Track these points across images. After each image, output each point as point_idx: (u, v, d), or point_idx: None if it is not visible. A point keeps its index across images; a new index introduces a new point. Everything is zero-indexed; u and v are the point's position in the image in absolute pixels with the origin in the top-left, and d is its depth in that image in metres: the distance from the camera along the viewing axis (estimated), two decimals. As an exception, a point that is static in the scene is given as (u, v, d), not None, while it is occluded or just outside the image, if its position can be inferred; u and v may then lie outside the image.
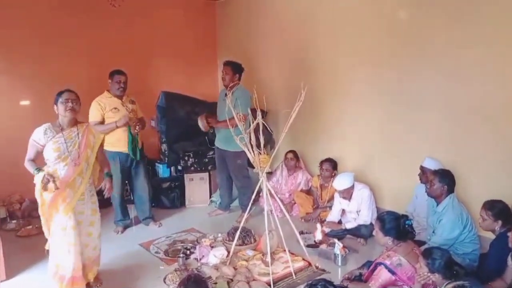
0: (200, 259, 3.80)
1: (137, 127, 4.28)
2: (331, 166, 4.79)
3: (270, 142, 5.20)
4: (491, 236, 3.17)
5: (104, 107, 4.25)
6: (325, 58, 5.09)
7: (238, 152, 3.77)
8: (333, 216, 4.45)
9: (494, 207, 3.08)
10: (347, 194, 4.24)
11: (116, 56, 5.39)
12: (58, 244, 3.08)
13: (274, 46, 5.74)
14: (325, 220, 4.53)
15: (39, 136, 3.01)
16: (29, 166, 3.05)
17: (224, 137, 4.50)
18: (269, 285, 3.32)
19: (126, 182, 4.66)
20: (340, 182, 4.22)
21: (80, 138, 3.09)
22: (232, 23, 6.42)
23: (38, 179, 2.95)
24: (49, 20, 5.10)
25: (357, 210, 4.25)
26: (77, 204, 3.11)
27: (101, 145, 3.33)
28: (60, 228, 3.05)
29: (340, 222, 4.44)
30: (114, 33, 5.58)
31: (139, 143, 4.43)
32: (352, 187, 4.22)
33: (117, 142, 4.31)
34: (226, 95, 4.47)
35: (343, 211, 4.43)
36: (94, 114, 4.24)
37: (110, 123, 4.21)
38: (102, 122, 4.24)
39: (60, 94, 3.09)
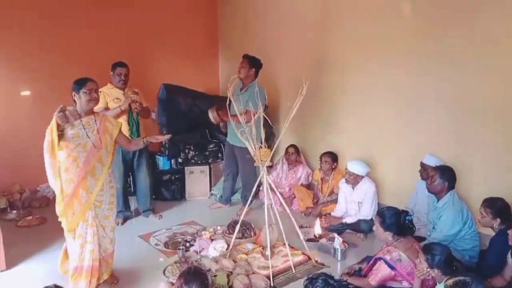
0: (200, 252, 3.81)
1: (137, 104, 4.25)
2: (331, 158, 4.79)
3: (270, 136, 5.19)
4: (491, 232, 3.18)
5: (107, 96, 4.28)
6: (329, 53, 5.05)
7: (247, 148, 3.78)
8: (340, 208, 4.42)
9: (494, 205, 3.08)
10: (354, 180, 4.21)
11: (118, 48, 5.35)
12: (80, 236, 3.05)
13: (276, 40, 5.70)
14: (325, 215, 4.53)
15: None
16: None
17: (234, 132, 4.48)
18: (269, 278, 3.33)
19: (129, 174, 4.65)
20: (354, 165, 4.18)
21: (98, 124, 3.08)
22: (234, 16, 6.38)
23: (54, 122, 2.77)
24: (50, 11, 5.05)
25: (358, 201, 4.24)
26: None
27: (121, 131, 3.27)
28: (82, 220, 3.03)
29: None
30: (115, 25, 5.52)
31: (140, 128, 4.43)
32: (362, 177, 4.20)
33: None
34: (241, 89, 4.46)
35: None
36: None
37: (115, 108, 4.23)
38: (106, 109, 4.24)
39: (82, 83, 2.99)
